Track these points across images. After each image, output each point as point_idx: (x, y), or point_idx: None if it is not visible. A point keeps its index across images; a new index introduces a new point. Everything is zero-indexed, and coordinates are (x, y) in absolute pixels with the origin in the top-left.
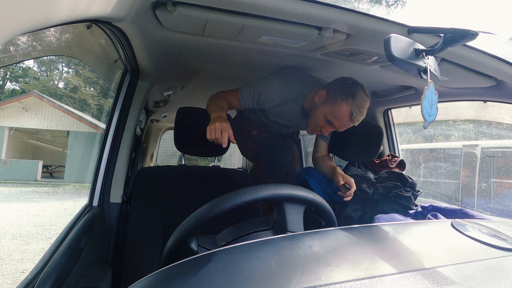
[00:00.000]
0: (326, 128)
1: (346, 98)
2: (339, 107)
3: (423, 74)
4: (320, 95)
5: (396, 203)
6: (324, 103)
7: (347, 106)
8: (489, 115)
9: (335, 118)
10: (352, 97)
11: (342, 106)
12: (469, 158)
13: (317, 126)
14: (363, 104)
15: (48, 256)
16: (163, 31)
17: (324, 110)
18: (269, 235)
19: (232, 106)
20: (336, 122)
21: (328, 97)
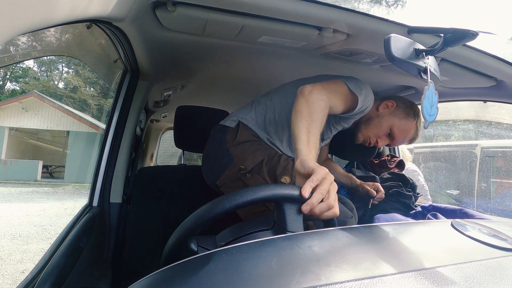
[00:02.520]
0: (384, 140)
1: (416, 117)
2: (409, 124)
3: (423, 74)
4: (387, 105)
5: (398, 201)
6: (392, 114)
7: (415, 125)
8: (489, 115)
9: (401, 133)
10: (420, 118)
11: (412, 124)
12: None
13: (374, 136)
14: (420, 128)
15: (48, 256)
16: (163, 31)
17: (391, 121)
18: (269, 235)
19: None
20: (400, 137)
21: (398, 110)
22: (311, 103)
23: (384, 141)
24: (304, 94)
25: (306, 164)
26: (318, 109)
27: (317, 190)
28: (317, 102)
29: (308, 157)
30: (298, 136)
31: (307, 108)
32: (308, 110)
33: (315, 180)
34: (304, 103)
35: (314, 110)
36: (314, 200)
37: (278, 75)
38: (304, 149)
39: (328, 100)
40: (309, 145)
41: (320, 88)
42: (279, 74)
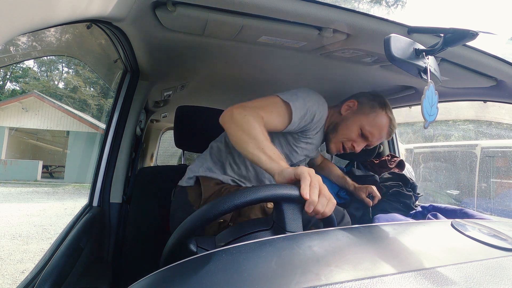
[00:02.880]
0: (359, 142)
1: (385, 107)
2: (379, 116)
3: (423, 74)
4: (349, 106)
5: (398, 201)
6: (357, 113)
7: (386, 115)
8: (489, 115)
9: (374, 128)
10: (389, 108)
11: (382, 115)
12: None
13: (348, 141)
14: (394, 117)
15: (48, 256)
16: (163, 31)
17: (359, 120)
18: (268, 235)
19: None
20: (374, 133)
21: (362, 107)
22: (239, 124)
23: (360, 144)
24: (227, 121)
25: (285, 174)
26: (250, 125)
27: (311, 188)
28: (243, 119)
29: (281, 168)
30: (257, 160)
31: (240, 131)
32: (242, 132)
33: (307, 181)
34: (234, 128)
35: (247, 127)
36: (314, 197)
37: (278, 75)
38: (272, 165)
39: (254, 114)
40: (273, 159)
41: (238, 107)
42: (279, 74)
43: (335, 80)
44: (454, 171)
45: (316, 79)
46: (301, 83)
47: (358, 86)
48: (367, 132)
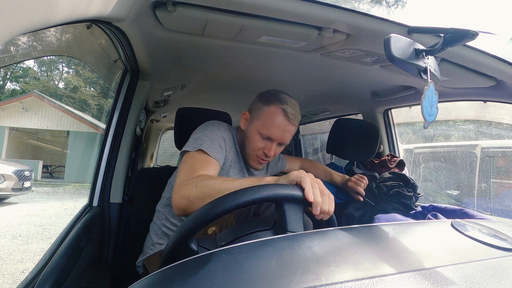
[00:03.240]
0: (268, 146)
1: (270, 101)
2: (268, 113)
3: (423, 74)
4: (244, 119)
5: (398, 201)
6: (251, 121)
7: (276, 107)
8: (489, 115)
9: (271, 126)
10: (276, 97)
11: (271, 109)
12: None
13: (257, 151)
14: (291, 101)
15: (48, 256)
16: (163, 31)
17: (255, 127)
18: (269, 235)
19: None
20: (274, 130)
21: (253, 113)
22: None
23: (270, 147)
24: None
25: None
26: (208, 185)
27: (313, 189)
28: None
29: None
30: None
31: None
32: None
33: (309, 182)
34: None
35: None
36: (318, 198)
37: (278, 75)
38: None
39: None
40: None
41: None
42: (279, 74)
43: (335, 80)
44: (454, 171)
45: (316, 79)
46: (301, 83)
47: (358, 86)
48: (266, 133)
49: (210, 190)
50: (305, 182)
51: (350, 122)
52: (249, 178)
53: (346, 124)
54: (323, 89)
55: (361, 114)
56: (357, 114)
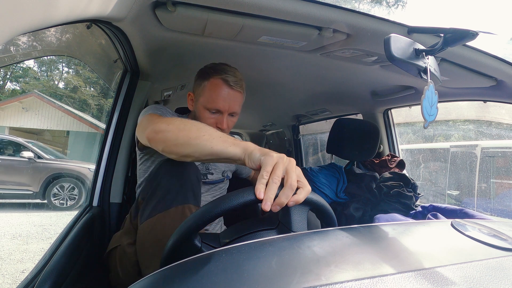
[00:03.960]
0: (219, 119)
1: (209, 74)
2: (209, 86)
3: (423, 74)
4: (190, 99)
5: (398, 201)
6: (196, 100)
7: (215, 78)
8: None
9: (216, 98)
10: (213, 70)
11: (211, 82)
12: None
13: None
14: (230, 69)
15: (48, 256)
16: (163, 31)
17: (201, 105)
18: (273, 234)
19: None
20: (220, 102)
21: (196, 92)
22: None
23: (221, 120)
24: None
25: (253, 158)
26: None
27: (269, 182)
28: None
29: (249, 150)
30: (221, 149)
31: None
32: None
33: (265, 174)
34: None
35: (186, 125)
36: (270, 194)
37: (278, 75)
38: (239, 149)
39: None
40: (237, 143)
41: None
42: (279, 74)
43: (335, 80)
44: (455, 171)
45: (316, 79)
46: (301, 83)
47: (358, 86)
48: (213, 107)
49: (190, 124)
50: (264, 168)
51: (350, 122)
52: (236, 142)
53: (346, 124)
54: (323, 89)
55: (361, 114)
56: (357, 114)
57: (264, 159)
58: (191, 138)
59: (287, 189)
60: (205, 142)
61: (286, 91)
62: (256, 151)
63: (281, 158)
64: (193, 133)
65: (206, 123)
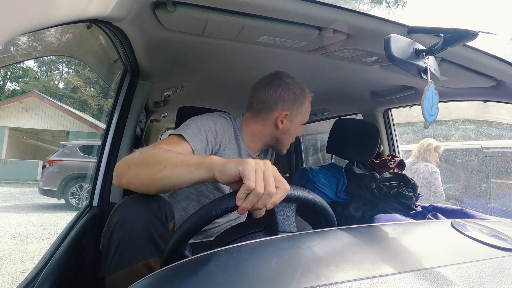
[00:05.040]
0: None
1: (304, 93)
2: (307, 104)
3: (423, 74)
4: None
5: (398, 202)
6: (294, 118)
7: (308, 95)
8: (489, 115)
9: (308, 113)
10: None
11: (307, 99)
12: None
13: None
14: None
15: (48, 256)
16: (163, 31)
17: (299, 121)
18: (262, 236)
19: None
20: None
21: (295, 111)
22: (140, 163)
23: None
24: (124, 172)
25: (228, 171)
26: (152, 155)
27: (251, 193)
28: (141, 157)
29: (220, 166)
30: (186, 177)
31: (146, 167)
32: (148, 166)
33: (251, 185)
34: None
35: (150, 159)
36: (248, 204)
37: None
38: (205, 169)
39: (151, 148)
40: (201, 163)
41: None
42: None
43: (335, 80)
44: (454, 171)
45: (316, 79)
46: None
47: (358, 86)
48: (305, 121)
49: (150, 158)
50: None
51: (350, 122)
52: (194, 155)
53: (346, 124)
54: (323, 89)
55: (361, 114)
56: (357, 114)
57: (243, 169)
58: (153, 174)
59: (264, 197)
60: (169, 173)
61: None
62: (229, 163)
63: (258, 164)
64: (154, 168)
65: (296, 134)
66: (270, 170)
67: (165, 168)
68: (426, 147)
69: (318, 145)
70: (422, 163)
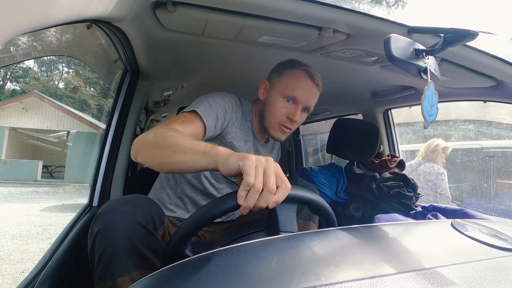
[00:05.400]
0: (293, 109)
1: (293, 65)
2: (292, 75)
3: (423, 74)
4: (263, 88)
5: (398, 202)
6: (272, 88)
7: (299, 69)
8: (489, 115)
9: (296, 86)
10: (298, 62)
11: (294, 71)
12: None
13: (281, 116)
14: (311, 67)
15: (48, 256)
16: (163, 31)
17: (277, 91)
18: (263, 236)
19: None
20: (299, 90)
21: (273, 79)
22: (153, 144)
23: (294, 110)
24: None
25: (229, 165)
26: (165, 137)
27: (251, 189)
28: (155, 137)
29: (223, 158)
30: (192, 164)
31: (157, 148)
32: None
33: (250, 181)
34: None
35: (163, 140)
36: (250, 202)
37: None
38: (210, 159)
39: (164, 127)
40: (208, 152)
41: (144, 133)
42: None
43: (335, 80)
44: (454, 171)
45: None
46: None
47: (358, 86)
48: (291, 94)
49: (163, 141)
50: (247, 174)
51: (350, 122)
52: (203, 143)
53: (346, 124)
54: (323, 89)
55: (361, 114)
56: (357, 114)
57: (243, 164)
58: (164, 157)
59: (265, 194)
60: (178, 159)
61: None
62: (232, 157)
63: (259, 161)
64: (165, 152)
65: (279, 112)
66: (272, 167)
67: (175, 153)
68: (433, 148)
69: (318, 145)
70: (428, 164)
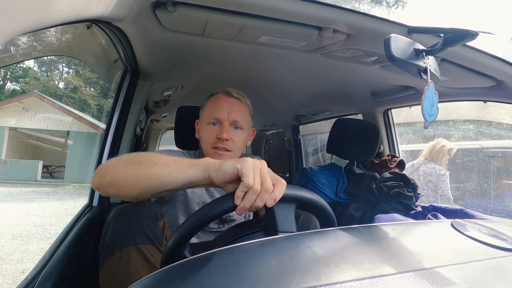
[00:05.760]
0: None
1: (212, 94)
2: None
3: (423, 74)
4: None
5: (398, 202)
6: (201, 122)
7: (216, 94)
8: (489, 115)
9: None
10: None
11: (212, 98)
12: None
13: (212, 140)
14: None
15: (48, 256)
16: (163, 31)
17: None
18: (261, 236)
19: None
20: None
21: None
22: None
23: (220, 129)
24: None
25: (225, 169)
26: (139, 155)
27: (249, 191)
28: (125, 156)
29: (216, 165)
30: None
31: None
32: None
33: (249, 182)
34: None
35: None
36: (247, 203)
37: (278, 75)
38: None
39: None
40: (196, 163)
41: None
42: (279, 74)
43: (335, 80)
44: (454, 171)
45: (316, 79)
46: (301, 83)
47: (358, 86)
48: (213, 116)
49: (141, 157)
50: (246, 176)
51: (350, 122)
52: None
53: (346, 124)
54: (323, 89)
55: (361, 114)
56: (357, 114)
57: (242, 167)
58: (142, 171)
59: (262, 193)
60: (160, 171)
61: (286, 91)
62: (226, 162)
63: (255, 163)
64: (143, 165)
65: (208, 137)
66: (266, 169)
67: (156, 166)
68: (439, 148)
69: (318, 145)
70: (429, 165)
